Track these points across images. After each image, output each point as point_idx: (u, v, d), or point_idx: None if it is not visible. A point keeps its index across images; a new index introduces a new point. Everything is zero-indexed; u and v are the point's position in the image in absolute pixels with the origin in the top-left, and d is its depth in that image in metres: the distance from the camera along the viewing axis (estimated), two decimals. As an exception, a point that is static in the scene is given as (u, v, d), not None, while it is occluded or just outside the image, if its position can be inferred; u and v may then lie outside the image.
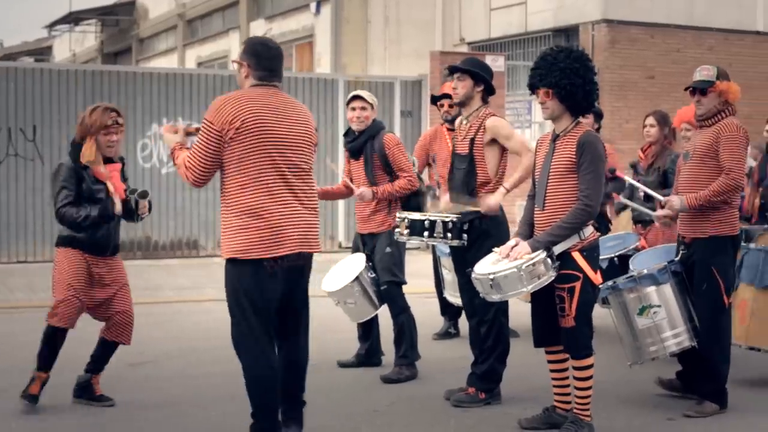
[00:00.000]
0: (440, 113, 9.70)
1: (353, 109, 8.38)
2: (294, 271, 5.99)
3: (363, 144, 8.36)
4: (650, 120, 9.70)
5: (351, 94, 8.51)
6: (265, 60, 5.99)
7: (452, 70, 7.72)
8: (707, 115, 7.37)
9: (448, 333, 10.22)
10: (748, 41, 22.36)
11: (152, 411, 7.32)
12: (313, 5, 28.80)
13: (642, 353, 7.48)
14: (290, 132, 5.93)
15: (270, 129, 5.84)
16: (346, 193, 8.66)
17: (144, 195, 7.22)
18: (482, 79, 7.56)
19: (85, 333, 7.85)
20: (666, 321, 7.37)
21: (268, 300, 5.91)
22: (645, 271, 7.43)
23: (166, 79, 17.67)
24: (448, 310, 10.24)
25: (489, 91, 7.62)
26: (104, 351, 7.45)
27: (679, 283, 7.42)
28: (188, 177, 5.88)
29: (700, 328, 7.33)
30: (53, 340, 7.27)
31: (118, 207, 7.16)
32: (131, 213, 7.24)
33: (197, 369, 8.70)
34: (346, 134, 8.60)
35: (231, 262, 5.90)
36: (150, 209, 7.35)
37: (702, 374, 7.40)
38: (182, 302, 12.50)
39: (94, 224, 7.15)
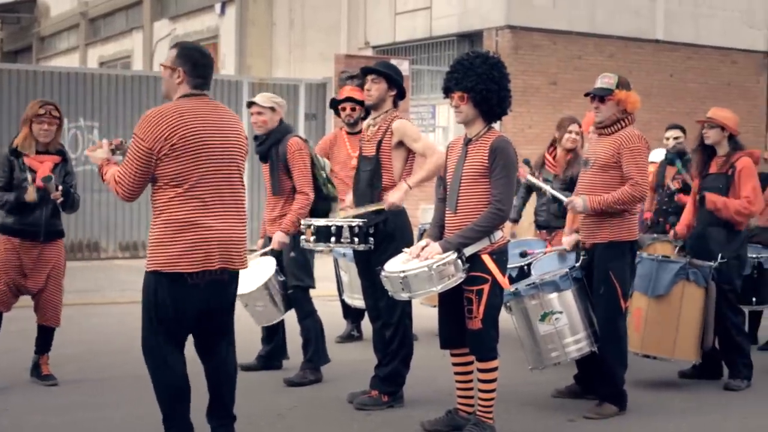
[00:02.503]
0: (342, 117, 9.71)
1: (251, 114, 8.32)
2: (216, 286, 5.86)
3: (268, 148, 8.28)
4: (575, 127, 9.67)
5: (248, 101, 8.43)
6: (201, 68, 5.89)
7: (367, 72, 7.69)
8: (605, 122, 7.51)
9: (351, 336, 10.22)
10: (647, 49, 22.75)
11: (48, 416, 7.18)
12: (217, 6, 28.63)
13: (543, 359, 7.55)
14: (225, 144, 5.82)
15: (206, 143, 5.73)
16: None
17: (47, 180, 7.80)
18: (396, 83, 7.56)
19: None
20: (567, 327, 7.45)
21: (183, 312, 5.79)
22: (547, 278, 7.50)
23: (67, 78, 17.42)
24: (350, 312, 10.24)
25: (400, 95, 7.63)
26: (41, 335, 8.19)
27: (580, 289, 7.52)
28: (119, 192, 5.77)
29: (599, 331, 7.43)
30: None
31: (31, 193, 7.79)
32: (60, 201, 7.89)
33: (96, 373, 8.57)
34: (255, 138, 8.50)
35: (151, 273, 5.79)
36: (67, 197, 7.93)
37: (600, 377, 7.52)
38: (81, 305, 12.31)
39: (15, 209, 7.85)
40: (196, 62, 5.87)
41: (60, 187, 7.86)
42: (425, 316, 9.83)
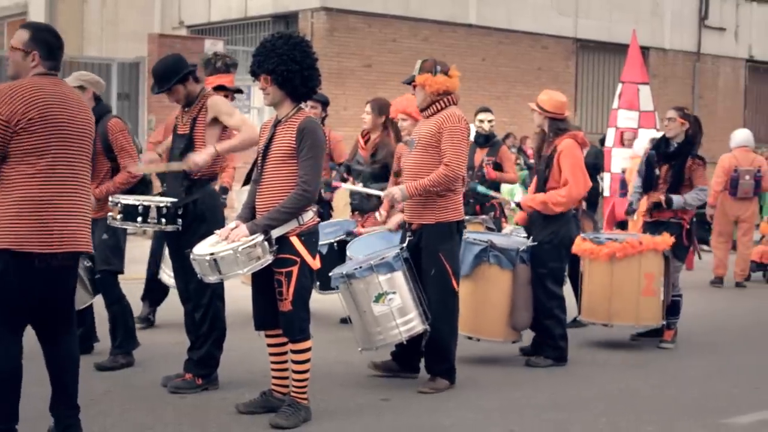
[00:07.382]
0: None
1: None
2: (63, 270, 5.76)
3: None
4: (367, 107, 9.85)
5: None
6: (56, 50, 5.83)
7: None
8: (422, 105, 7.75)
9: (147, 319, 9.94)
10: (461, 33, 23.15)
11: None
12: (25, -20, 27.82)
13: (375, 340, 7.61)
14: (77, 124, 5.74)
15: (63, 121, 5.64)
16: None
17: None
18: (170, 79, 7.47)
19: None
20: (401, 307, 7.54)
21: (27, 295, 5.65)
22: (382, 259, 7.55)
23: None
24: (149, 296, 10.03)
25: (195, 79, 7.58)
26: None
27: (410, 269, 7.62)
28: None
29: (432, 311, 7.56)
30: None
31: None
32: None
33: None
34: None
35: None
36: None
37: (432, 354, 7.71)
38: None
39: None
40: (51, 46, 5.83)
41: None
42: (240, 297, 9.80)
